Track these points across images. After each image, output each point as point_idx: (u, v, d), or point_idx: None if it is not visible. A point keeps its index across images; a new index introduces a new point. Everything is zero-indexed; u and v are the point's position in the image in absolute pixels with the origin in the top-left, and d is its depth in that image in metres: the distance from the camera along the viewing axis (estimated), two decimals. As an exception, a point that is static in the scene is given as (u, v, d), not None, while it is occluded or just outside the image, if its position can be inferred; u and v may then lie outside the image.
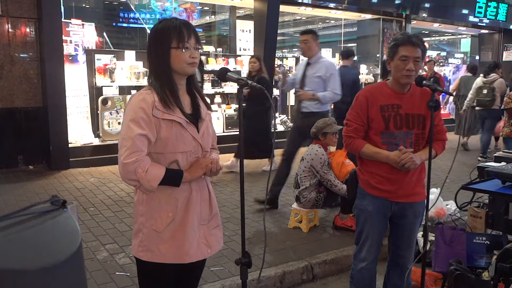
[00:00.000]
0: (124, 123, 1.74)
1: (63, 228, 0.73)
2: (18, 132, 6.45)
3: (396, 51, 2.38)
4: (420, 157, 2.42)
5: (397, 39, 2.40)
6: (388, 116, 2.43)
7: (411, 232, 2.59)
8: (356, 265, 2.64)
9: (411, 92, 2.47)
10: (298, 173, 4.17)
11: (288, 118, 9.30)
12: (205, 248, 1.88)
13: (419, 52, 2.36)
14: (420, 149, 2.48)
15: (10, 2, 6.23)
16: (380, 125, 2.44)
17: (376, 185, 2.50)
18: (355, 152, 2.55)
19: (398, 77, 2.41)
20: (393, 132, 2.44)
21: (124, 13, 9.24)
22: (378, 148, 2.45)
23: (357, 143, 2.49)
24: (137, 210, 1.84)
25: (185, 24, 1.79)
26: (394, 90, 2.47)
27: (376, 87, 2.56)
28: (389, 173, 2.45)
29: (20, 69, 6.40)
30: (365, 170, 2.56)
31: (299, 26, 15.84)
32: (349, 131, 2.52)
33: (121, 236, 3.94)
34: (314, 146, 4.12)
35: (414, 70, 2.36)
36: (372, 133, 2.48)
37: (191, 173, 1.80)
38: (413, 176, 2.49)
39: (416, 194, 2.53)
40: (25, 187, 5.50)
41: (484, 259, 3.46)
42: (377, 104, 2.44)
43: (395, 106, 2.44)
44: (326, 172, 4.02)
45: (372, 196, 2.52)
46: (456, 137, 7.95)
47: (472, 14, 12.11)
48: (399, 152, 2.37)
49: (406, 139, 2.44)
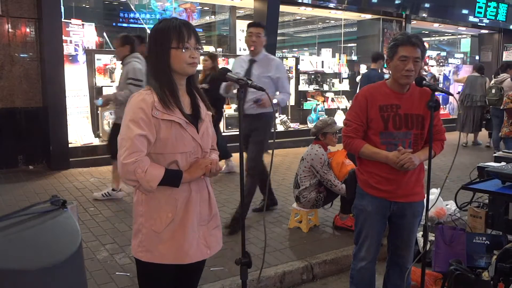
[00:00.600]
0: (124, 123, 1.74)
1: (63, 228, 0.73)
2: (18, 132, 6.45)
3: (395, 51, 2.38)
4: (419, 157, 2.42)
5: (397, 39, 2.40)
6: (387, 116, 2.43)
7: (410, 232, 2.59)
8: (356, 264, 2.65)
9: (410, 92, 2.47)
10: (298, 173, 4.17)
11: (288, 118, 9.31)
12: (204, 249, 1.88)
13: (418, 52, 2.36)
14: (419, 149, 2.48)
15: (10, 2, 6.23)
16: (379, 125, 2.44)
17: (375, 185, 2.50)
18: (354, 152, 2.55)
19: (398, 77, 2.41)
20: (392, 132, 2.44)
21: (124, 13, 9.23)
22: (377, 148, 2.46)
23: (356, 143, 2.49)
24: (137, 210, 1.84)
25: (185, 24, 1.78)
26: (393, 90, 2.47)
27: (375, 87, 2.56)
28: (388, 173, 2.45)
29: (20, 69, 6.40)
30: (364, 170, 2.57)
31: (299, 26, 15.86)
32: (349, 131, 2.52)
33: (121, 236, 3.94)
34: (314, 146, 4.12)
35: (414, 70, 2.36)
36: (371, 133, 2.48)
37: (190, 173, 1.80)
38: (412, 176, 2.49)
39: (415, 194, 2.53)
40: (25, 187, 5.50)
41: (484, 259, 3.46)
42: (376, 104, 2.44)
43: (394, 106, 2.44)
44: (326, 172, 4.02)
45: (371, 196, 2.53)
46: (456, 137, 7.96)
47: (472, 14, 12.11)
48: (398, 153, 2.38)
49: (405, 139, 2.45)
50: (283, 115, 9.25)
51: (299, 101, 9.69)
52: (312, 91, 9.91)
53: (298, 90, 9.62)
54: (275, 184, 5.63)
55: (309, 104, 9.58)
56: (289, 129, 8.97)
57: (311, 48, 17.30)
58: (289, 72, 9.42)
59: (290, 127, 9.03)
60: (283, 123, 9.03)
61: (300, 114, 9.62)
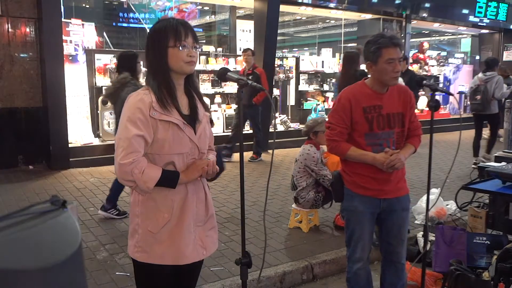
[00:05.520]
0: (121, 123, 1.74)
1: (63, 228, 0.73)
2: (18, 132, 6.45)
3: (379, 54, 2.37)
4: (404, 155, 2.45)
5: (379, 43, 2.38)
6: (371, 117, 2.44)
7: (400, 227, 2.59)
8: (352, 267, 2.61)
9: (390, 91, 2.49)
10: (294, 175, 4.17)
11: (288, 118, 9.30)
12: (200, 250, 1.88)
13: (400, 52, 2.40)
14: (401, 146, 2.52)
15: (10, 2, 6.23)
16: (364, 127, 2.45)
17: (363, 184, 2.52)
18: (341, 155, 2.55)
19: (387, 80, 2.41)
20: (377, 133, 2.45)
21: (124, 13, 9.25)
22: (363, 150, 2.46)
23: (342, 146, 2.49)
24: (133, 211, 1.84)
25: (182, 23, 1.78)
26: (374, 90, 2.48)
27: (356, 88, 2.53)
28: (375, 173, 2.47)
29: (20, 69, 6.40)
30: (351, 172, 2.56)
31: (299, 26, 15.86)
32: (333, 135, 2.50)
33: (121, 236, 3.94)
34: (305, 146, 4.12)
35: (400, 71, 2.41)
36: (356, 135, 2.48)
37: (187, 175, 1.79)
38: (397, 173, 2.52)
39: (401, 188, 2.57)
40: (25, 187, 5.50)
41: (485, 259, 3.46)
42: (360, 106, 2.44)
43: (377, 107, 2.45)
44: (321, 168, 4.03)
45: (360, 196, 2.53)
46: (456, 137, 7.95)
47: (472, 14, 12.11)
48: (386, 154, 2.39)
49: (389, 138, 2.48)
50: (283, 115, 9.25)
51: (299, 101, 9.69)
52: (312, 91, 9.92)
53: (298, 90, 9.62)
54: (275, 184, 5.64)
55: (309, 104, 9.58)
56: (289, 129, 8.96)
57: (311, 48, 17.30)
58: (289, 72, 9.44)
59: (290, 127, 9.03)
60: (283, 123, 9.03)
61: (300, 114, 9.62)
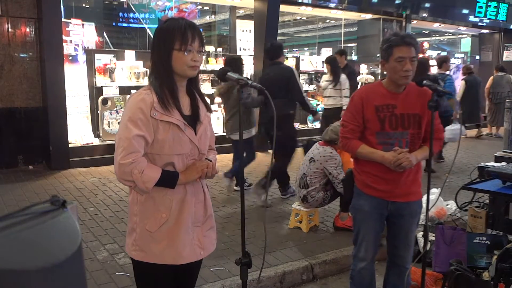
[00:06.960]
0: (122, 122, 1.74)
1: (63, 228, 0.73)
2: (18, 132, 6.45)
3: (391, 52, 2.37)
4: (416, 156, 2.42)
5: (391, 41, 2.38)
6: (383, 116, 2.44)
7: (408, 232, 2.58)
8: (356, 265, 2.65)
9: (407, 91, 2.48)
10: (308, 174, 4.09)
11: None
12: (198, 250, 1.88)
13: (413, 51, 2.37)
14: (416, 148, 2.48)
15: (10, 2, 6.23)
16: (376, 125, 2.45)
17: (372, 185, 2.51)
18: (351, 152, 2.56)
19: (396, 79, 2.41)
20: (389, 132, 2.44)
21: (124, 13, 9.24)
22: (373, 148, 2.46)
23: (353, 143, 2.50)
24: (132, 209, 1.84)
25: (191, 25, 1.76)
26: (389, 90, 2.47)
27: (371, 87, 2.57)
28: (385, 173, 2.45)
29: (20, 69, 6.40)
30: (361, 170, 2.57)
31: (299, 26, 15.86)
32: (345, 132, 2.53)
33: (121, 236, 3.94)
34: (326, 149, 4.07)
35: (412, 70, 2.37)
36: (368, 134, 2.49)
37: (186, 176, 1.79)
38: (409, 176, 2.49)
39: (412, 193, 2.53)
40: (25, 187, 5.50)
41: (485, 259, 3.46)
42: (372, 105, 2.44)
43: (390, 106, 2.44)
44: (340, 173, 4.00)
45: (368, 196, 2.53)
46: (456, 137, 7.97)
47: (472, 14, 12.11)
48: (395, 153, 2.38)
49: (402, 139, 2.45)
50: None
51: (299, 101, 9.67)
52: (312, 91, 9.91)
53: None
54: (275, 184, 5.62)
55: (309, 104, 9.56)
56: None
57: (311, 48, 17.30)
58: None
59: (290, 127, 9.00)
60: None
61: (300, 114, 9.61)
